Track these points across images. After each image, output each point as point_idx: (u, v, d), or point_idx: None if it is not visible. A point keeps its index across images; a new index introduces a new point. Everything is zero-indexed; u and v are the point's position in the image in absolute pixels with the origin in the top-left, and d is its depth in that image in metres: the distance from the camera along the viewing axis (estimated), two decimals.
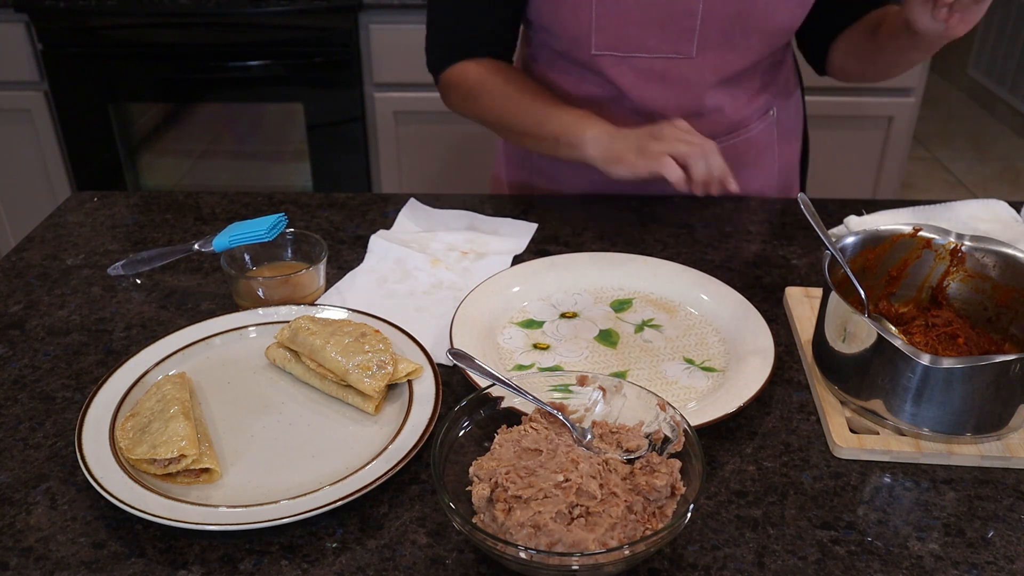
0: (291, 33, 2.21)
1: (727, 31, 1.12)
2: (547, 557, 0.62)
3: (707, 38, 1.13)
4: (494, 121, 1.22)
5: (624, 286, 1.03)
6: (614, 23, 1.11)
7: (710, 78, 1.17)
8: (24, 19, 2.21)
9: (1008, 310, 0.88)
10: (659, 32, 1.12)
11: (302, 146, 2.41)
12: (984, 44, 4.25)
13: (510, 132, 1.22)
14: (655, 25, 1.11)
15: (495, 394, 0.76)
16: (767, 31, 1.14)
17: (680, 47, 1.13)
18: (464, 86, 1.22)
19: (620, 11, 1.10)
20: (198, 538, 0.71)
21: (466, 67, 1.21)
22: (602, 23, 1.11)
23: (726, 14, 1.11)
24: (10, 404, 0.86)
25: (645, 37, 1.13)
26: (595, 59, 1.15)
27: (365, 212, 1.23)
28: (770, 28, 1.13)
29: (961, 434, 0.78)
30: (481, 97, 1.20)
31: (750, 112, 1.25)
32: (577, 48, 1.16)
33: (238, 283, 0.99)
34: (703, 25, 1.11)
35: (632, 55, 1.14)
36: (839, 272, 0.87)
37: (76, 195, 1.28)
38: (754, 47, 1.15)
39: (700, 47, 1.13)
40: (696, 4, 1.10)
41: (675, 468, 0.69)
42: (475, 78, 1.20)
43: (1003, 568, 0.69)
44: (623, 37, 1.13)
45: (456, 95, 1.24)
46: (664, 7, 1.10)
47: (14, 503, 0.75)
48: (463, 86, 1.22)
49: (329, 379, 0.85)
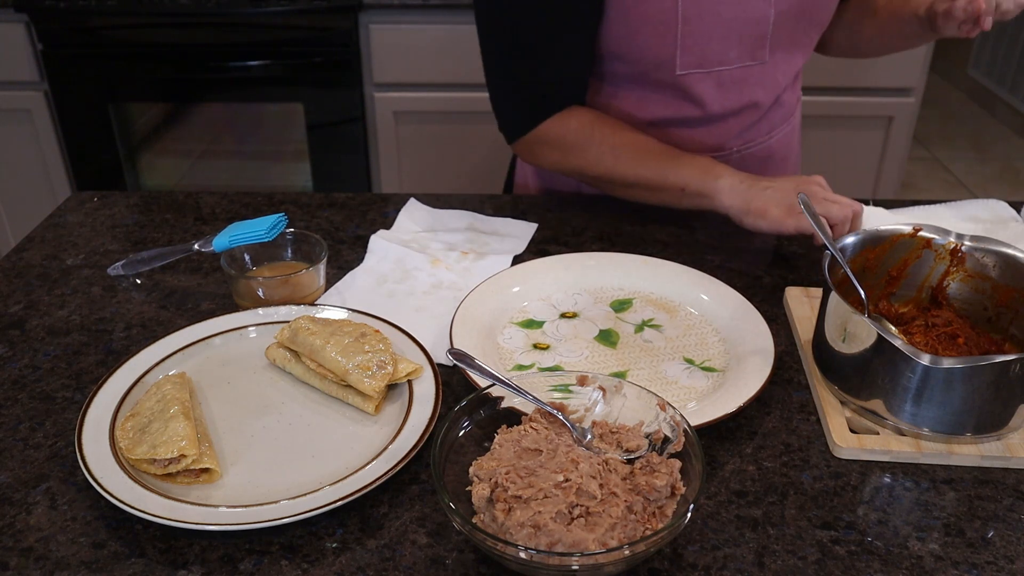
0: (291, 33, 2.21)
1: (792, 31, 1.17)
2: (547, 557, 0.62)
3: (777, 41, 1.16)
4: (602, 174, 1.16)
5: (624, 286, 1.03)
6: (699, 42, 1.11)
7: (780, 78, 1.22)
8: (24, 19, 2.21)
9: (1008, 310, 0.88)
10: (738, 43, 1.14)
11: (302, 146, 2.41)
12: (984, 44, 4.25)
13: (620, 185, 1.17)
14: (734, 36, 1.13)
15: (495, 394, 0.76)
16: (820, 22, 1.19)
17: (756, 54, 1.16)
18: (563, 143, 1.16)
19: (704, 29, 1.11)
20: (198, 538, 0.71)
21: (560, 123, 1.15)
22: (687, 43, 1.11)
23: (792, 15, 1.14)
24: (10, 404, 0.86)
25: (727, 50, 1.14)
26: (679, 78, 1.15)
27: (365, 212, 1.22)
28: (822, 19, 1.19)
29: (961, 434, 0.78)
30: (587, 151, 1.15)
31: (794, 99, 1.31)
32: (660, 71, 1.14)
33: (238, 283, 0.99)
34: (774, 29, 1.14)
35: (715, 69, 1.15)
36: (839, 272, 0.87)
37: (76, 195, 1.28)
38: (811, 40, 1.22)
39: (772, 51, 1.17)
40: (768, 10, 1.12)
41: (675, 468, 0.69)
42: (575, 132, 1.15)
43: (1003, 568, 0.69)
44: (707, 53, 1.13)
45: (553, 152, 1.18)
46: (741, 18, 1.11)
47: (14, 503, 0.75)
48: (561, 142, 1.16)
49: (329, 379, 0.85)
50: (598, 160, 1.15)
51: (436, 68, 2.26)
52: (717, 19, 1.11)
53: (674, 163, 1.12)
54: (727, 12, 1.10)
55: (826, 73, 2.24)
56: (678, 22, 1.09)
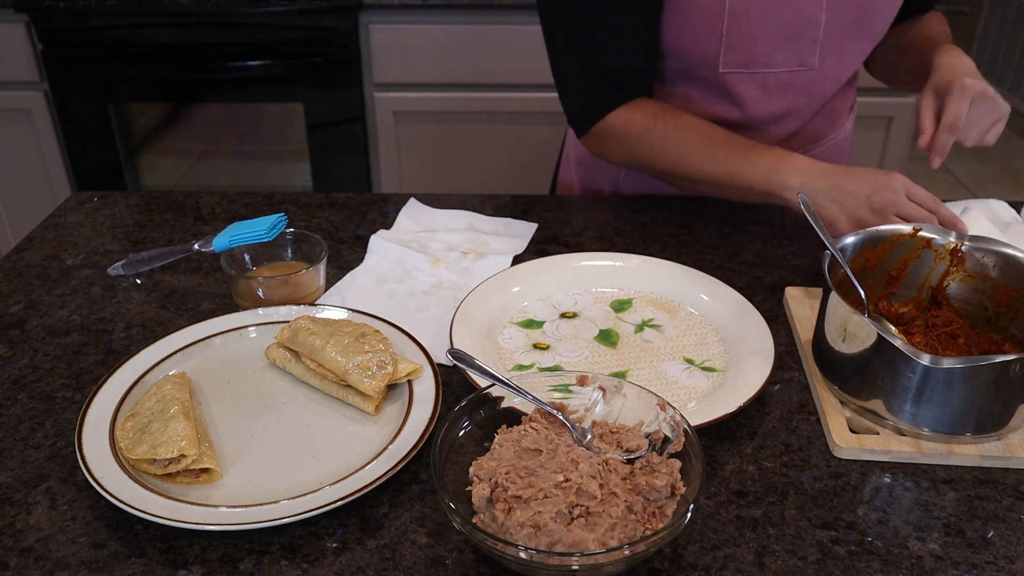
0: (291, 33, 2.21)
1: (843, 38, 1.14)
2: (547, 557, 0.62)
3: (827, 47, 1.13)
4: (667, 168, 1.14)
5: (624, 286, 1.03)
6: (743, 41, 1.10)
7: (829, 87, 1.19)
8: (24, 19, 2.21)
9: (1008, 310, 0.88)
10: (786, 46, 1.12)
11: (302, 146, 2.41)
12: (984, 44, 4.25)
13: (687, 181, 1.15)
14: (782, 39, 1.11)
15: (495, 394, 0.76)
16: (874, 33, 1.16)
17: (804, 59, 1.13)
18: (628, 135, 1.14)
19: (750, 29, 1.09)
20: (198, 538, 0.71)
21: (626, 115, 1.14)
22: (731, 41, 1.10)
23: (844, 21, 1.12)
24: (10, 404, 0.86)
25: (773, 52, 1.12)
26: (722, 77, 1.14)
27: (365, 212, 1.22)
28: (876, 30, 1.16)
29: (961, 434, 0.78)
30: (652, 144, 1.13)
31: (844, 109, 1.28)
32: (704, 68, 1.13)
33: (238, 283, 0.99)
34: (824, 35, 1.12)
35: (760, 71, 1.14)
36: (839, 272, 0.87)
37: (76, 195, 1.28)
38: (863, 50, 1.18)
39: (821, 57, 1.14)
40: (820, 15, 1.10)
41: (675, 468, 0.69)
42: (639, 125, 1.13)
43: (1003, 568, 0.69)
44: (752, 54, 1.12)
45: (618, 145, 1.16)
46: (790, 21, 1.10)
47: (14, 503, 0.75)
48: (626, 135, 1.14)
49: (329, 379, 0.85)
50: (663, 153, 1.13)
51: (436, 68, 2.26)
52: (765, 19, 1.09)
53: (742, 159, 1.08)
54: (776, 13, 1.08)
55: None
56: (724, 18, 1.08)
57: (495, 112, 2.32)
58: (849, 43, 1.15)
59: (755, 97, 1.16)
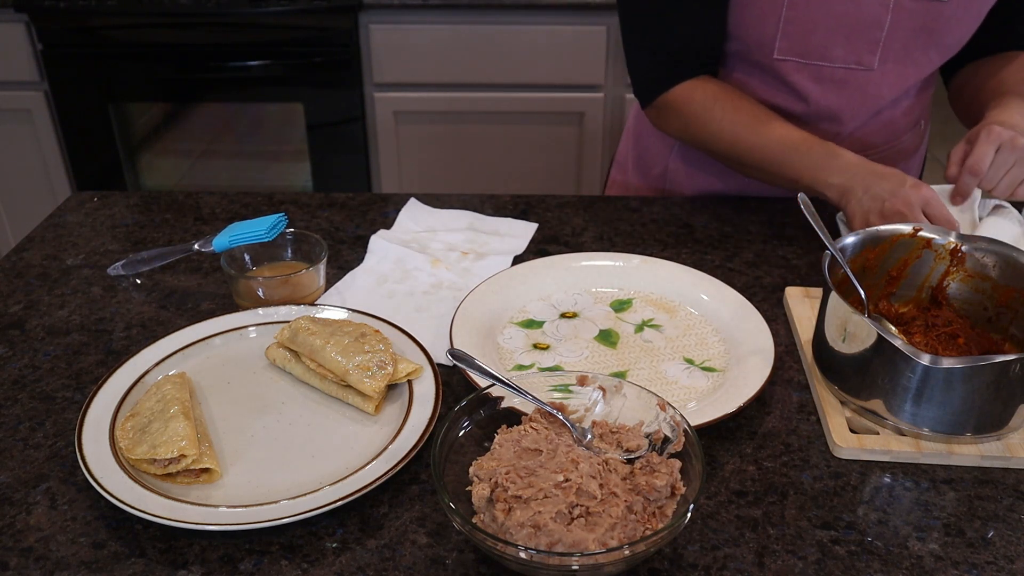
0: (291, 33, 2.21)
1: (908, 44, 1.11)
2: (547, 557, 0.62)
3: (889, 50, 1.12)
4: (721, 151, 1.16)
5: (624, 286, 1.03)
6: (801, 29, 1.10)
7: (886, 92, 1.16)
8: (24, 19, 2.21)
9: (1008, 310, 0.88)
10: (844, 41, 1.11)
11: (302, 146, 2.41)
12: None
13: (737, 164, 1.18)
14: (841, 34, 1.10)
15: (495, 394, 0.76)
16: (944, 45, 1.13)
17: (863, 58, 1.12)
18: (687, 112, 1.16)
19: (809, 18, 1.09)
20: (198, 538, 0.71)
21: (688, 89, 1.15)
22: (789, 28, 1.10)
23: (911, 27, 1.10)
24: (10, 404, 0.86)
25: (830, 45, 1.11)
26: (776, 63, 1.13)
27: (365, 212, 1.22)
28: (947, 42, 1.13)
29: (961, 434, 0.78)
30: (708, 124, 1.14)
31: (907, 123, 1.25)
32: (759, 51, 1.13)
33: (238, 283, 0.99)
34: (888, 37, 1.10)
35: (814, 63, 1.13)
36: (839, 272, 0.87)
37: (76, 195, 1.28)
38: (931, 61, 1.15)
39: (882, 59, 1.12)
40: (884, 16, 1.08)
41: (675, 468, 0.69)
42: (699, 103, 1.15)
43: (1003, 568, 0.69)
44: (808, 43, 1.11)
45: (677, 120, 1.18)
46: (853, 16, 1.08)
47: (14, 503, 0.75)
48: (686, 111, 1.16)
49: (329, 379, 0.85)
50: (718, 136, 1.14)
51: (436, 68, 2.26)
52: (825, 10, 1.08)
53: (790, 153, 1.09)
54: (838, 6, 1.07)
55: None
56: (784, 4, 1.08)
57: (495, 112, 2.32)
58: (915, 50, 1.12)
59: (808, 88, 1.15)
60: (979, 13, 1.12)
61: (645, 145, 1.35)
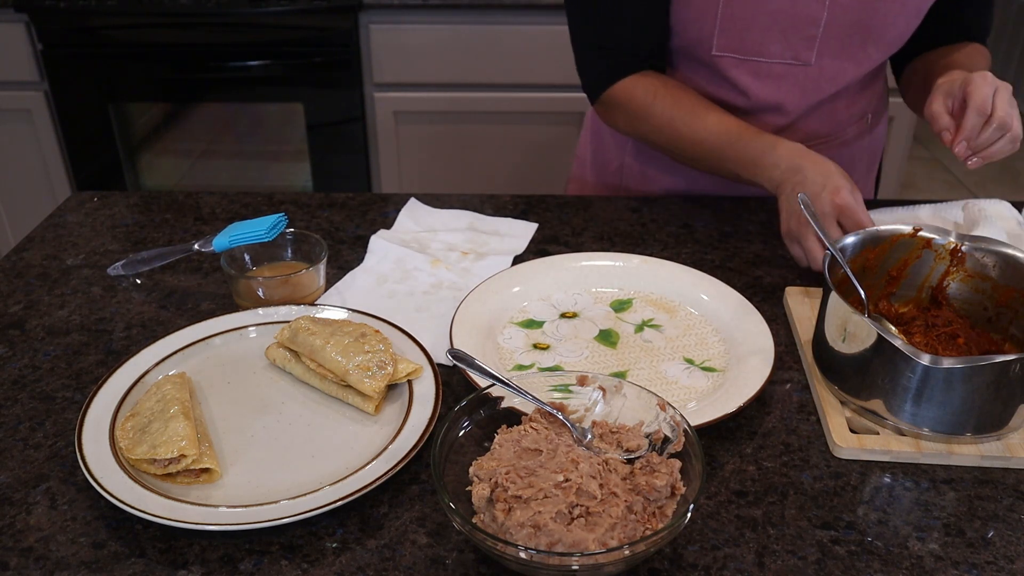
0: (291, 33, 2.21)
1: (846, 40, 1.12)
2: (547, 557, 0.62)
3: (826, 46, 1.12)
4: (663, 145, 1.18)
5: (624, 286, 1.03)
6: (737, 27, 1.10)
7: (826, 86, 1.17)
8: (24, 19, 2.21)
9: (1008, 310, 0.88)
10: (781, 38, 1.11)
11: (302, 146, 2.41)
12: None
13: (683, 158, 1.19)
14: (777, 30, 1.11)
15: (495, 394, 0.76)
16: (883, 40, 1.14)
17: (800, 54, 1.13)
18: (630, 105, 1.17)
19: (745, 16, 1.10)
20: (198, 538, 0.71)
21: (631, 85, 1.16)
22: (726, 25, 1.10)
23: (848, 23, 1.10)
24: (10, 404, 0.86)
25: (767, 42, 1.12)
26: (715, 59, 1.14)
27: (365, 212, 1.22)
28: (887, 37, 1.14)
29: (961, 434, 0.78)
30: (650, 119, 1.16)
31: (850, 115, 1.25)
32: (699, 48, 1.14)
33: (238, 283, 0.99)
34: (824, 33, 1.11)
35: (752, 58, 1.13)
36: (839, 272, 0.87)
37: (76, 195, 1.28)
38: (870, 56, 1.15)
39: (819, 55, 1.13)
40: (820, 12, 1.09)
41: (675, 468, 0.69)
42: (641, 97, 1.16)
43: (1003, 568, 0.69)
44: (745, 40, 1.12)
45: (623, 115, 1.19)
46: (788, 13, 1.09)
47: (14, 503, 0.75)
48: (629, 105, 1.17)
49: (329, 379, 0.85)
50: (659, 129, 1.16)
51: (436, 68, 2.26)
52: (761, 8, 1.09)
53: (726, 148, 1.10)
54: (773, 4, 1.08)
55: None
56: (720, 2, 1.09)
57: (495, 112, 2.32)
58: (852, 46, 1.13)
59: (746, 83, 1.16)
60: (918, 9, 1.12)
61: (601, 142, 1.36)
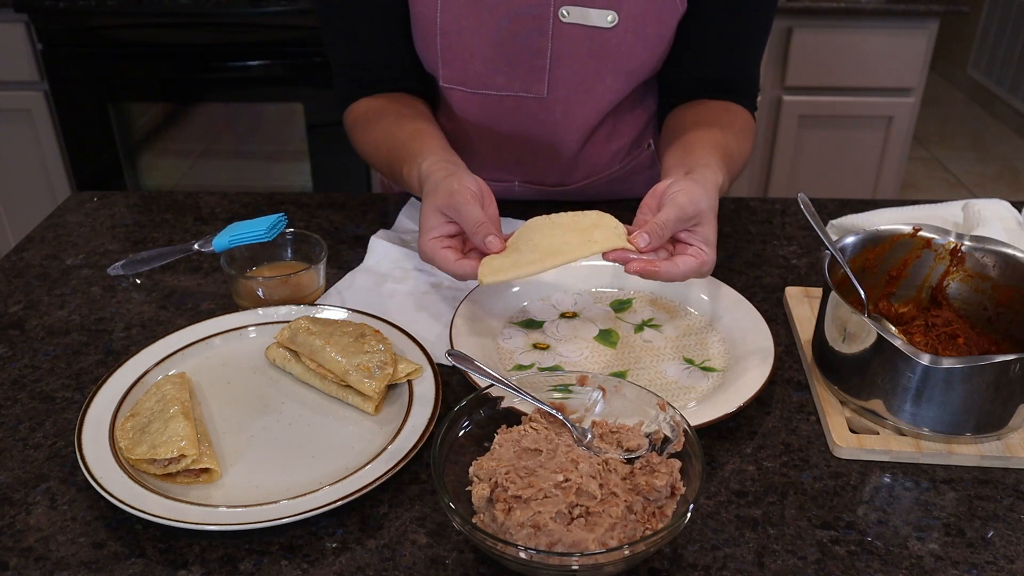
0: (291, 33, 2.22)
1: (579, 71, 1.07)
2: (547, 557, 0.62)
3: (558, 78, 1.08)
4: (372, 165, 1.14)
5: (624, 286, 1.03)
6: (459, 57, 1.07)
7: (562, 119, 1.12)
8: (24, 19, 2.21)
9: (1008, 310, 0.88)
10: (507, 70, 1.07)
11: (302, 146, 2.41)
12: (984, 44, 4.25)
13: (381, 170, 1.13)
14: (502, 62, 1.07)
15: (495, 394, 0.76)
16: (622, 71, 1.08)
17: (530, 86, 1.08)
18: (349, 128, 1.15)
19: (463, 46, 1.06)
20: (198, 538, 0.71)
21: (358, 105, 1.14)
22: (447, 56, 1.07)
23: (578, 54, 1.05)
24: (10, 404, 0.86)
25: (492, 74, 1.08)
26: (446, 91, 1.11)
27: (365, 212, 1.23)
28: (625, 68, 1.08)
29: (961, 434, 0.78)
30: (360, 142, 1.13)
31: (618, 148, 1.20)
32: (437, 80, 1.12)
33: (238, 283, 0.99)
34: (553, 65, 1.06)
35: (479, 91, 1.10)
36: (839, 272, 0.87)
37: (76, 195, 1.28)
38: (610, 87, 1.09)
39: (552, 87, 1.08)
40: (545, 43, 1.04)
41: (675, 468, 0.69)
42: (353, 121, 1.13)
43: (1003, 568, 0.69)
44: (469, 72, 1.08)
45: (350, 136, 1.15)
46: (509, 44, 1.05)
47: (14, 503, 0.75)
48: (350, 128, 1.15)
49: (329, 379, 0.85)
50: (364, 152, 1.13)
51: None
52: (478, 40, 1.05)
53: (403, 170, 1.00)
54: (491, 36, 1.04)
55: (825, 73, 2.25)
56: (437, 33, 1.06)
57: None
58: (587, 78, 1.08)
59: (478, 117, 1.12)
60: (659, 36, 1.06)
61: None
